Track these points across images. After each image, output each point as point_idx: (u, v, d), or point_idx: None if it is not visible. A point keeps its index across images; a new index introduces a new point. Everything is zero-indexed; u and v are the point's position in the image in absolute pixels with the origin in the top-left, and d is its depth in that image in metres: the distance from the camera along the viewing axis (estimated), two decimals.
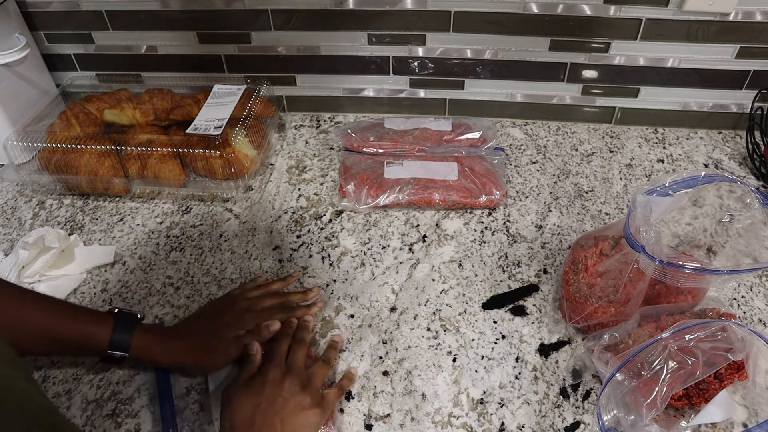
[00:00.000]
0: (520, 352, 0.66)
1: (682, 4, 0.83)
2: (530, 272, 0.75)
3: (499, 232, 0.80)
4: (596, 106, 0.98)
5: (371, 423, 0.60)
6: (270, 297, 0.69)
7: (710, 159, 0.93)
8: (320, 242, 0.80)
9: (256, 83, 0.95)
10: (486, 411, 0.61)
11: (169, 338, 0.63)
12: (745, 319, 0.69)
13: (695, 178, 0.58)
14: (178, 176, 0.85)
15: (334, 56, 0.96)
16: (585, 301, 0.63)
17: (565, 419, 0.60)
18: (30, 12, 0.95)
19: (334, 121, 1.03)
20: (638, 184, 0.88)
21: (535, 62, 0.93)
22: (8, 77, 0.90)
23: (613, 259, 0.62)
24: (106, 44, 0.99)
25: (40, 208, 0.87)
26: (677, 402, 0.57)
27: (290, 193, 0.88)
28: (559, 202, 0.85)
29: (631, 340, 0.59)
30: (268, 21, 0.92)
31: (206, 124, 0.86)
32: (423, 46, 0.93)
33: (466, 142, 0.91)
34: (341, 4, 0.89)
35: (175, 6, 0.92)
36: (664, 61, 0.91)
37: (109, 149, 0.85)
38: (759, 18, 0.84)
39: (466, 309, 0.71)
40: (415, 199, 0.82)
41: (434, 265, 0.76)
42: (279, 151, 0.96)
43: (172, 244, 0.80)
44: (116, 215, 0.85)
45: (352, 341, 0.67)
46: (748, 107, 0.94)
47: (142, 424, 0.60)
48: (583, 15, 0.87)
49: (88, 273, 0.77)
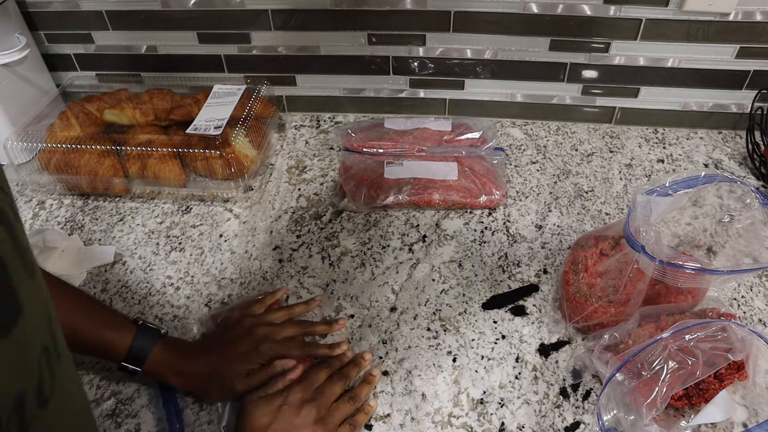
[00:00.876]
0: (520, 352, 0.66)
1: (682, 4, 0.83)
2: (530, 272, 0.75)
3: (499, 232, 0.80)
4: (596, 106, 0.98)
5: (371, 423, 0.60)
6: (292, 326, 0.65)
7: (710, 159, 0.93)
8: (320, 242, 0.80)
9: (256, 83, 0.95)
10: (486, 411, 0.61)
11: (184, 361, 0.60)
12: (745, 319, 0.69)
13: (695, 178, 0.58)
14: (178, 176, 0.85)
15: (334, 56, 0.96)
16: (585, 301, 0.63)
17: (565, 419, 0.60)
18: (30, 12, 0.95)
19: (334, 121, 1.03)
20: (638, 184, 0.88)
21: (535, 62, 0.93)
22: (8, 77, 0.90)
23: (613, 259, 0.62)
24: (106, 44, 0.99)
25: (40, 208, 0.87)
26: (677, 402, 0.57)
27: (290, 193, 0.88)
28: (559, 202, 0.85)
29: (631, 340, 0.59)
30: (268, 21, 0.92)
31: (206, 124, 0.86)
32: (423, 46, 0.93)
33: (466, 142, 0.91)
34: (341, 4, 0.89)
35: (175, 6, 0.92)
36: (664, 61, 0.91)
37: (109, 149, 0.85)
38: (759, 18, 0.84)
39: (466, 309, 0.71)
40: (415, 199, 0.82)
41: (434, 265, 0.76)
42: (279, 151, 0.96)
43: (172, 244, 0.80)
44: (116, 215, 0.85)
45: (352, 341, 0.67)
46: (748, 107, 0.94)
47: (142, 424, 0.60)
48: (583, 15, 0.87)
49: (88, 273, 0.77)
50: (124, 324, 0.60)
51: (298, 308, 0.69)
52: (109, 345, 0.58)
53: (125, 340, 0.58)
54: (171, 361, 0.60)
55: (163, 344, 0.60)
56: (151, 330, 0.60)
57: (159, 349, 0.59)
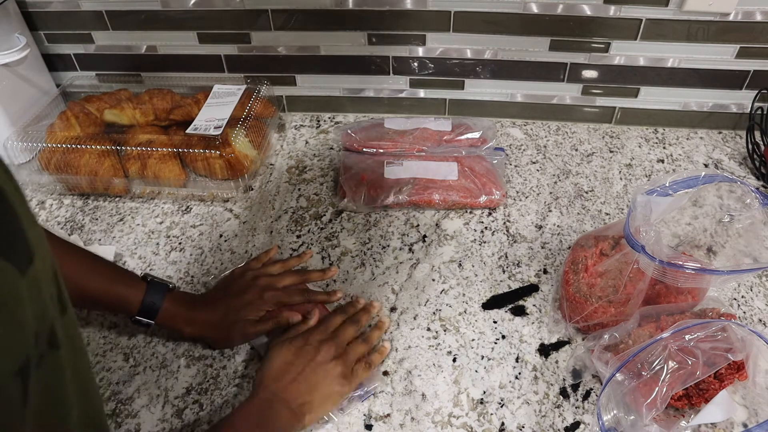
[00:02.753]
0: (520, 352, 0.66)
1: (682, 4, 0.83)
2: (530, 272, 0.75)
3: (499, 232, 0.80)
4: (596, 106, 0.98)
5: (371, 423, 0.60)
6: (290, 275, 0.71)
7: (710, 159, 0.93)
8: (320, 242, 0.80)
9: (256, 83, 0.95)
10: (486, 411, 0.61)
11: (194, 311, 0.65)
12: (745, 319, 0.69)
13: (695, 178, 0.58)
14: (178, 176, 0.85)
15: (334, 56, 0.96)
16: (585, 301, 0.63)
17: (565, 419, 0.60)
18: (30, 12, 0.95)
19: (334, 121, 1.03)
20: (638, 184, 0.88)
21: (535, 62, 0.93)
22: (8, 77, 0.90)
23: (613, 259, 0.62)
24: (106, 44, 0.99)
25: (40, 208, 0.87)
26: (677, 402, 0.57)
27: (290, 193, 0.88)
28: (559, 202, 0.85)
29: (631, 340, 0.59)
30: (268, 21, 0.92)
31: (206, 124, 0.86)
32: (423, 46, 0.93)
33: (466, 142, 0.91)
34: (341, 4, 0.89)
35: (175, 6, 0.92)
36: (664, 61, 0.91)
37: (109, 149, 0.85)
38: (759, 18, 0.84)
39: (466, 309, 0.71)
40: (415, 199, 0.82)
41: (434, 265, 0.76)
42: (279, 151, 0.96)
43: (172, 244, 0.80)
44: (116, 215, 0.85)
45: None
46: (748, 107, 0.94)
47: (142, 424, 0.60)
48: (583, 15, 0.87)
49: None
50: (134, 280, 0.64)
51: (293, 261, 0.75)
52: (123, 300, 0.62)
53: (137, 296, 0.62)
54: (182, 312, 0.64)
55: (173, 297, 0.64)
56: (160, 285, 0.64)
57: (169, 302, 0.63)
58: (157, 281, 0.65)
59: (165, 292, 0.64)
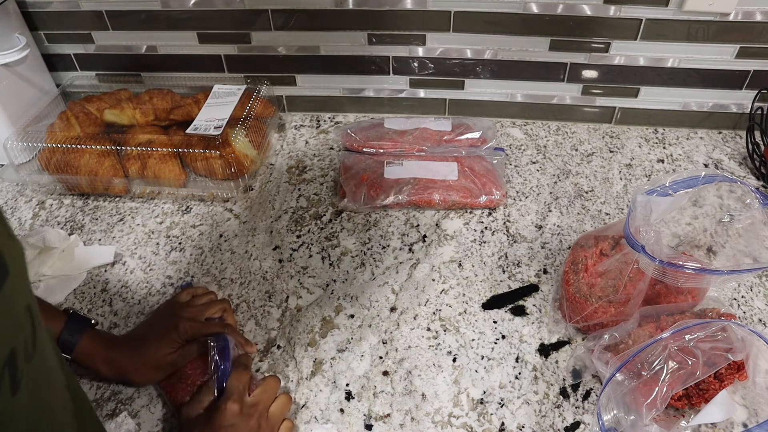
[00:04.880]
0: (520, 352, 0.66)
1: (682, 4, 0.83)
2: (530, 272, 0.75)
3: (499, 232, 0.80)
4: (596, 106, 0.98)
5: (371, 423, 0.60)
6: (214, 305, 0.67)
7: (710, 159, 0.93)
8: (320, 242, 0.80)
9: (256, 83, 0.95)
10: (486, 411, 0.61)
11: (111, 351, 0.62)
12: (745, 319, 0.69)
13: (695, 178, 0.58)
14: (178, 176, 0.85)
15: (334, 56, 0.96)
16: (585, 301, 0.63)
17: (565, 419, 0.60)
18: (30, 12, 0.95)
19: (334, 121, 1.03)
20: (638, 184, 0.88)
21: (535, 62, 0.93)
22: (8, 77, 0.90)
23: (613, 259, 0.62)
24: (106, 44, 0.99)
25: (40, 208, 0.87)
26: (677, 402, 0.57)
27: (290, 193, 0.88)
28: (559, 202, 0.85)
29: (631, 340, 0.59)
30: (268, 21, 0.92)
31: (206, 124, 0.86)
32: (423, 46, 0.93)
33: (466, 142, 0.91)
34: (341, 4, 0.89)
35: (175, 6, 0.92)
36: (664, 61, 0.91)
37: (109, 149, 0.85)
38: (759, 18, 0.84)
39: (466, 309, 0.71)
40: (415, 199, 0.82)
41: (434, 265, 0.76)
42: (279, 151, 0.96)
43: (172, 244, 0.80)
44: (116, 215, 0.85)
45: (352, 341, 0.67)
46: (748, 107, 0.94)
47: (143, 424, 0.60)
48: (583, 15, 0.87)
49: (88, 273, 0.77)
50: (55, 313, 0.61)
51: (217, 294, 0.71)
52: None
53: (55, 328, 0.59)
54: (100, 350, 0.61)
55: (92, 335, 0.61)
56: (81, 320, 0.62)
57: (88, 339, 0.60)
58: (79, 316, 0.62)
59: (85, 328, 0.61)
